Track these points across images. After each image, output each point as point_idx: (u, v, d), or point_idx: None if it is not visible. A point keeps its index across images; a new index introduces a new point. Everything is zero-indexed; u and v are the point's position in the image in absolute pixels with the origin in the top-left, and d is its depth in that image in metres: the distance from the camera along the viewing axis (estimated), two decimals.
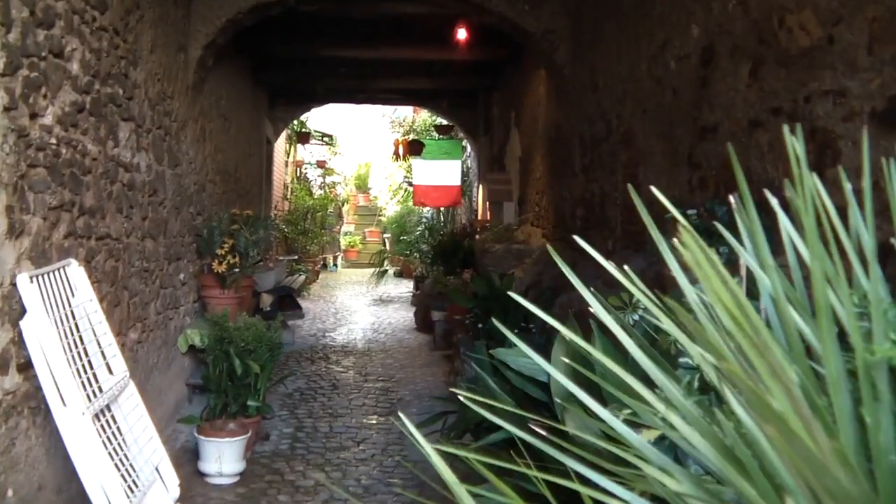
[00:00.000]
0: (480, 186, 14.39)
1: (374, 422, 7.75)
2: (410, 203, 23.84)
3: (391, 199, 26.87)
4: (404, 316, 14.87)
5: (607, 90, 7.53)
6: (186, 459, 6.35)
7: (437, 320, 11.47)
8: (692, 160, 5.47)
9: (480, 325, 8.25)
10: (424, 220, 20.40)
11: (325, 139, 23.70)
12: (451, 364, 9.80)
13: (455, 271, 11.96)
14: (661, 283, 5.55)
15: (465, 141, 18.59)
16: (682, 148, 5.66)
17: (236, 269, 8.42)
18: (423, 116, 22.83)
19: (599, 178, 7.73)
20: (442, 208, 19.42)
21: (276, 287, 11.60)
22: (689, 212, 4.48)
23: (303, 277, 14.51)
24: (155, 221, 6.85)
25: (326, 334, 12.73)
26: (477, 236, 13.09)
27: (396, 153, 19.03)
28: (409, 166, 20.37)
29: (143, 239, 6.51)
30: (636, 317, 2.91)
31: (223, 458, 5.88)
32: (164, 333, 7.28)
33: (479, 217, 14.51)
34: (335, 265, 26.06)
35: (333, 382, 9.25)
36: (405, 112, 24.01)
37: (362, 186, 32.97)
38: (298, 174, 23.42)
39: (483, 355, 7.44)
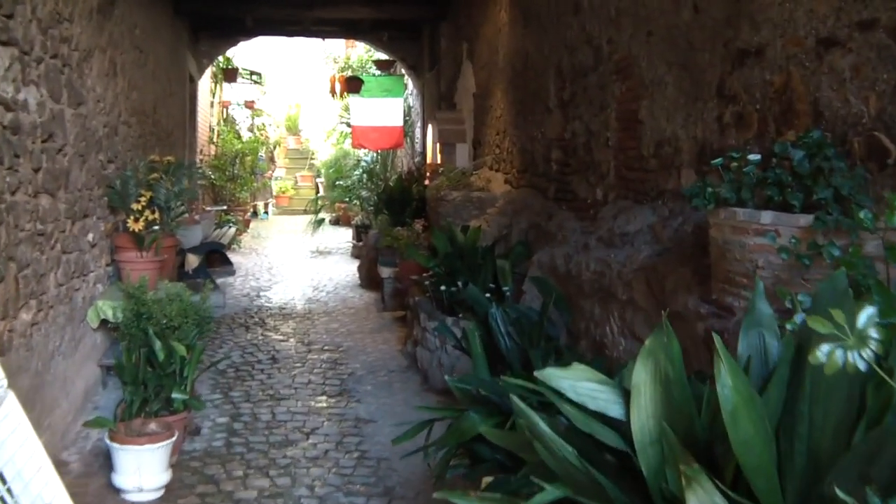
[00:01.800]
0: (429, 126, 13.26)
1: (324, 404, 6.70)
2: (345, 145, 22.60)
3: (325, 140, 25.49)
4: (346, 270, 13.76)
5: (594, 10, 6.46)
6: (98, 467, 5.25)
7: (385, 277, 10.40)
8: (724, 91, 4.46)
9: (443, 288, 7.22)
10: (363, 163, 19.17)
11: (254, 77, 22.22)
12: (405, 329, 8.77)
13: (405, 222, 10.88)
14: (697, 243, 4.57)
15: (408, 77, 17.38)
16: (707, 77, 4.64)
17: (156, 227, 7.24)
18: (360, 52, 21.50)
19: (584, 116, 6.69)
20: (381, 151, 18.21)
21: (203, 243, 10.40)
22: (752, 157, 3.45)
23: (233, 230, 13.30)
24: (52, 173, 5.64)
25: (261, 293, 11.58)
26: (427, 182, 12.00)
27: (333, 90, 17.71)
28: (346, 106, 19.09)
29: (36, 195, 5.30)
30: (865, 355, 1.73)
31: (143, 469, 4.78)
32: (69, 308, 6.10)
33: (429, 160, 13.40)
34: (266, 213, 24.75)
35: (273, 355, 8.15)
36: (339, 47, 22.62)
37: (293, 128, 31.49)
38: (225, 116, 21.97)
39: (450, 327, 6.41)
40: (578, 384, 2.39)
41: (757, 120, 4.14)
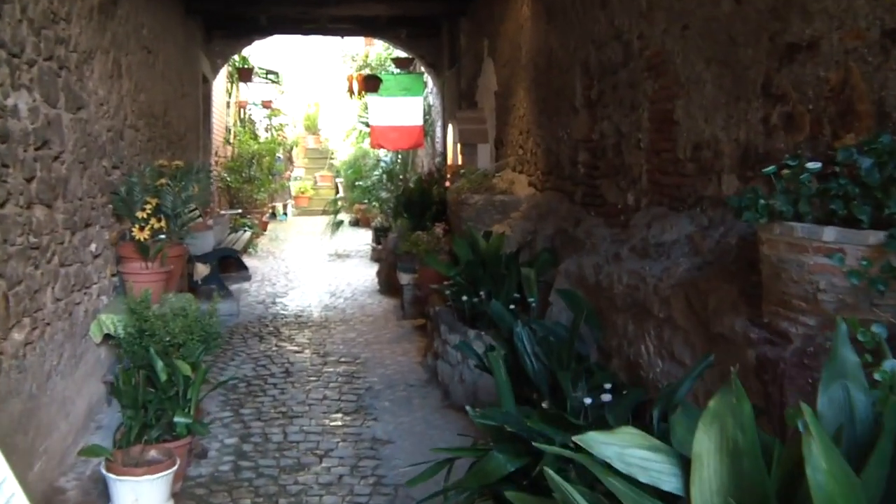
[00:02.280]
0: (449, 126, 12.89)
1: (339, 423, 6.36)
2: (364, 145, 22.27)
3: (344, 140, 25.17)
4: (365, 275, 13.43)
5: (623, 4, 6.09)
6: (97, 495, 4.95)
7: (405, 284, 10.05)
8: (770, 90, 4.08)
9: (465, 298, 6.87)
10: (382, 163, 18.83)
11: (270, 77, 21.93)
12: (425, 339, 8.43)
13: (425, 226, 10.53)
14: (742, 257, 4.20)
15: (427, 75, 17.03)
16: (751, 74, 4.26)
17: (162, 236, 6.93)
18: (378, 50, 21.16)
19: (613, 116, 6.32)
20: (401, 151, 17.86)
21: (216, 249, 10.10)
22: (811, 164, 3.08)
23: (248, 234, 12.97)
24: (47, 182, 5.33)
25: (277, 300, 11.26)
26: (448, 184, 11.64)
27: (351, 89, 17.36)
28: (365, 105, 18.75)
29: (29, 206, 4.99)
30: None
31: (142, 501, 4.46)
32: (69, 324, 5.79)
33: (450, 161, 13.04)
34: (285, 214, 24.47)
35: (286, 367, 7.82)
36: (357, 45, 22.29)
37: (312, 128, 31.25)
38: (242, 116, 21.68)
39: (474, 346, 6.05)
40: (626, 451, 2.02)
41: (809, 121, 3.76)
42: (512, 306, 6.54)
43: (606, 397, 4.23)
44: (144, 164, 8.12)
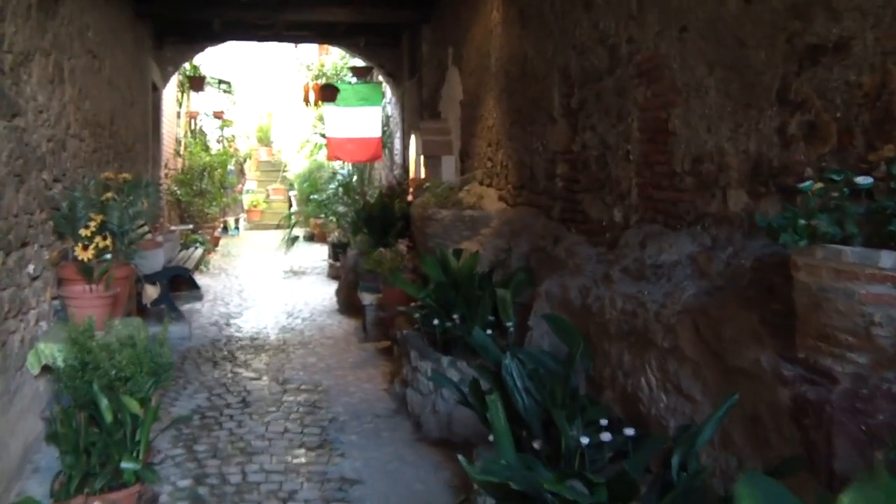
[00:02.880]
0: (411, 137, 12.47)
1: (303, 460, 5.88)
2: (320, 157, 21.78)
3: (298, 152, 24.63)
4: (323, 293, 12.94)
5: (609, 5, 5.73)
6: None
7: (367, 304, 9.59)
8: (787, 97, 3.72)
9: (436, 322, 6.45)
10: (339, 176, 18.34)
11: (223, 86, 21.37)
12: (390, 363, 7.99)
13: (387, 242, 10.09)
14: (759, 281, 3.81)
15: (386, 85, 16.61)
16: (764, 80, 3.90)
17: (108, 255, 6.42)
18: (334, 59, 20.71)
19: (597, 126, 5.94)
20: (359, 164, 17.37)
21: (166, 268, 9.57)
22: (861, 179, 2.70)
23: (200, 251, 12.43)
24: None
25: (231, 321, 10.74)
26: (410, 198, 11.21)
27: (307, 99, 16.88)
28: (321, 116, 18.26)
29: None
30: None
31: None
32: (2, 356, 5.26)
33: (412, 174, 12.61)
34: (237, 228, 23.87)
35: (243, 397, 7.32)
36: (312, 54, 21.82)
37: (265, 139, 30.71)
38: (193, 127, 21.08)
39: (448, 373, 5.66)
40: None
41: (836, 131, 3.39)
42: (489, 331, 6.14)
43: (606, 436, 3.84)
44: (89, 177, 7.60)
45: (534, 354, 4.72)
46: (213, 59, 20.93)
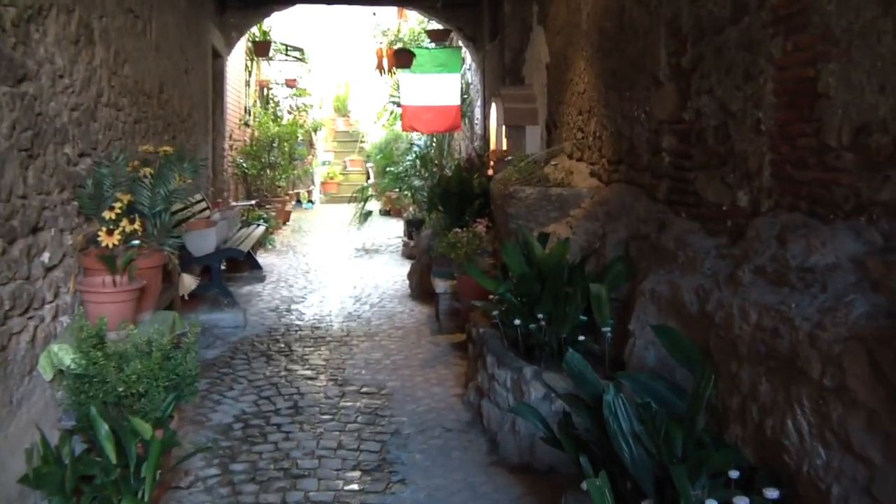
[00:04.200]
0: (492, 105, 11.44)
1: (356, 486, 5.00)
2: (396, 128, 20.94)
3: (375, 122, 23.82)
4: (395, 275, 12.07)
5: None
6: None
7: (440, 293, 8.68)
8: None
9: (518, 322, 5.50)
10: (416, 148, 17.43)
11: (294, 54, 20.59)
12: (464, 362, 7.07)
13: (464, 222, 9.15)
14: None
15: (465, 50, 15.62)
16: None
17: (134, 241, 5.61)
18: (412, 24, 19.78)
19: (716, 88, 4.89)
20: (437, 134, 16.42)
21: (219, 250, 8.78)
22: None
23: (261, 229, 11.62)
24: None
25: (292, 307, 9.93)
26: (490, 172, 10.25)
27: (380, 66, 15.95)
28: (397, 84, 17.36)
29: None
30: None
31: None
32: (2, 357, 4.48)
33: (492, 146, 11.61)
34: (311, 201, 23.18)
35: (295, 401, 6.48)
36: (389, 19, 20.89)
37: (341, 109, 30.02)
38: (266, 96, 20.36)
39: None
40: None
41: None
42: (581, 337, 5.18)
43: (742, 503, 2.87)
44: (125, 151, 6.83)
45: (643, 381, 3.73)
46: (286, 26, 20.21)
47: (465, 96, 15.85)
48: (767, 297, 3.64)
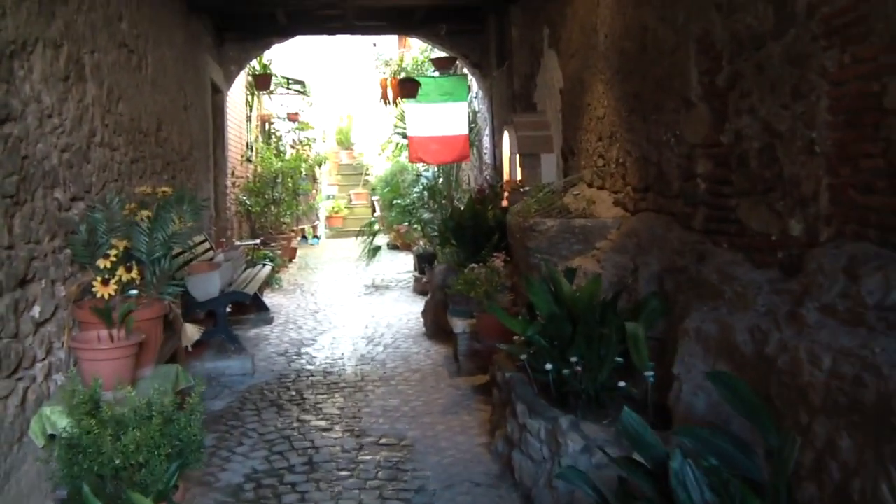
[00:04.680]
0: (504, 133, 11.07)
1: None
2: (402, 159, 20.60)
3: (380, 154, 23.48)
4: (407, 312, 11.67)
5: None
6: None
7: (459, 333, 8.28)
8: None
9: (550, 367, 5.11)
10: (423, 179, 17.06)
11: (296, 87, 20.30)
12: (488, 406, 6.66)
13: (479, 256, 8.77)
14: None
15: (472, 77, 15.30)
16: None
17: (132, 291, 5.24)
18: (414, 54, 19.47)
19: (760, 108, 4.52)
20: (444, 165, 16.02)
21: (224, 294, 8.41)
22: None
23: (267, 269, 11.24)
24: None
25: (302, 350, 9.53)
26: (504, 203, 9.87)
27: (385, 96, 15.63)
28: (402, 114, 17.03)
29: None
30: None
31: None
32: None
33: (506, 176, 11.25)
34: (316, 237, 22.82)
35: (310, 455, 6.07)
36: (391, 49, 20.59)
37: (345, 142, 29.75)
38: (268, 130, 20.05)
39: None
40: None
41: None
42: (621, 383, 4.80)
43: None
44: (119, 193, 6.48)
45: (704, 438, 3.31)
46: (286, 59, 19.95)
47: (473, 125, 15.51)
48: (842, 340, 3.25)
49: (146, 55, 7.95)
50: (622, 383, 4.77)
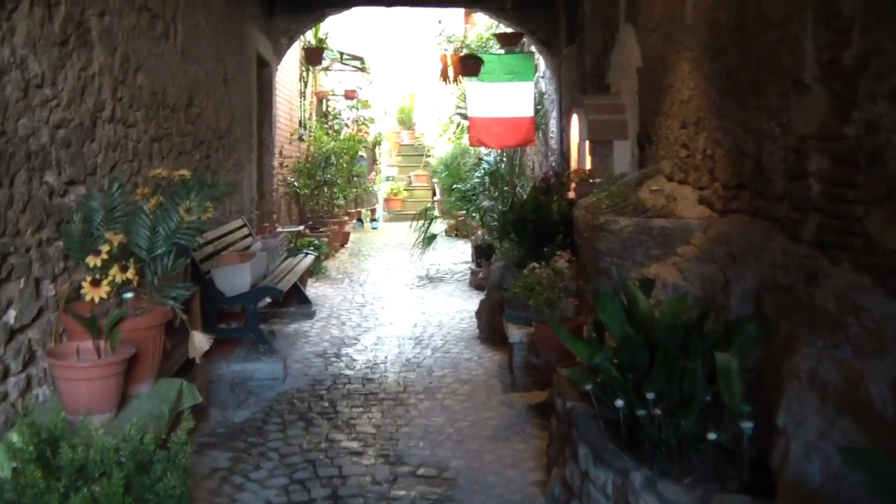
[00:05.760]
0: (572, 117, 10.13)
1: None
2: (463, 141, 19.77)
3: (441, 135, 22.63)
4: (461, 309, 10.83)
5: None
6: None
7: (515, 342, 7.42)
8: None
9: (621, 404, 4.25)
10: (485, 164, 16.16)
11: (354, 63, 19.52)
12: (545, 432, 5.80)
13: (541, 254, 7.90)
14: None
15: (539, 55, 14.38)
16: None
17: (127, 294, 4.48)
18: (479, 30, 18.59)
19: None
20: (507, 150, 15.10)
21: (254, 289, 7.64)
22: None
23: (310, 259, 10.40)
24: None
25: (342, 350, 8.74)
26: (571, 194, 8.98)
27: (445, 74, 14.73)
28: (463, 93, 16.17)
29: None
30: None
31: None
32: None
33: (574, 164, 10.31)
34: (374, 220, 22.07)
35: (335, 487, 5.27)
36: (456, 25, 19.69)
37: (406, 122, 29.01)
38: (324, 109, 19.33)
39: None
40: None
41: None
42: (712, 435, 3.91)
43: None
44: (127, 176, 5.75)
45: None
46: (344, 33, 19.21)
47: (539, 107, 14.59)
48: None
49: (174, 22, 7.20)
50: (712, 434, 3.87)
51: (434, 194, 23.52)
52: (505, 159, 14.93)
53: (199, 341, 4.98)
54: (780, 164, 4.85)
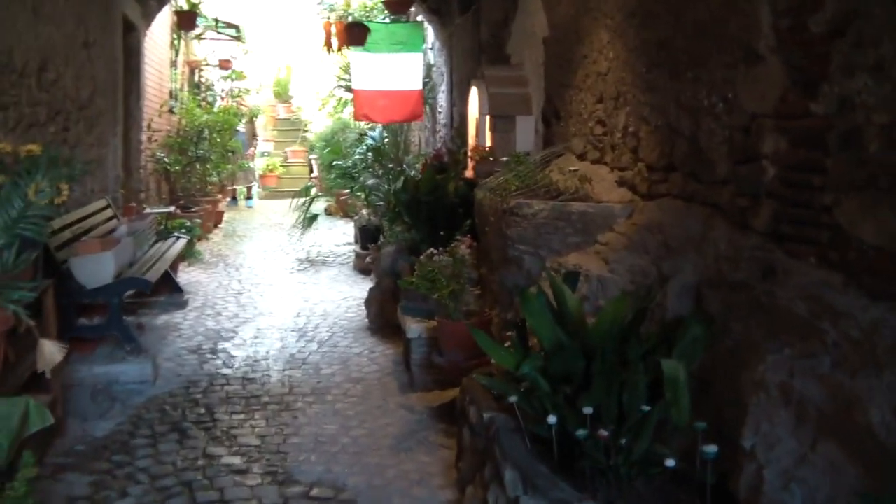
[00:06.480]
0: (473, 90, 9.49)
1: None
2: (345, 115, 19.03)
3: (320, 109, 21.80)
4: (347, 296, 10.16)
5: None
6: None
7: (413, 338, 6.82)
8: None
9: (553, 420, 3.71)
10: (369, 139, 15.46)
11: (228, 30, 18.54)
12: (451, 439, 5.25)
13: (438, 238, 7.33)
14: None
15: (428, 25, 13.77)
16: None
17: None
18: None
19: (891, 66, 3.11)
20: (392, 125, 14.43)
21: (118, 280, 6.84)
22: None
23: (181, 243, 9.54)
24: None
25: (219, 345, 7.98)
26: (469, 173, 8.43)
27: (328, 43, 13.95)
28: (347, 66, 15.43)
29: None
30: None
31: None
32: None
33: (472, 141, 9.73)
34: (250, 198, 21.16)
35: None
36: None
37: (283, 94, 28.04)
38: (198, 79, 18.33)
39: None
40: None
41: None
42: (670, 462, 3.40)
43: None
44: None
45: None
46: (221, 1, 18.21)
47: (427, 80, 13.99)
48: None
49: None
50: (671, 462, 3.34)
51: (311, 171, 22.74)
52: (389, 135, 14.29)
53: (50, 351, 4.23)
54: (722, 144, 4.37)
